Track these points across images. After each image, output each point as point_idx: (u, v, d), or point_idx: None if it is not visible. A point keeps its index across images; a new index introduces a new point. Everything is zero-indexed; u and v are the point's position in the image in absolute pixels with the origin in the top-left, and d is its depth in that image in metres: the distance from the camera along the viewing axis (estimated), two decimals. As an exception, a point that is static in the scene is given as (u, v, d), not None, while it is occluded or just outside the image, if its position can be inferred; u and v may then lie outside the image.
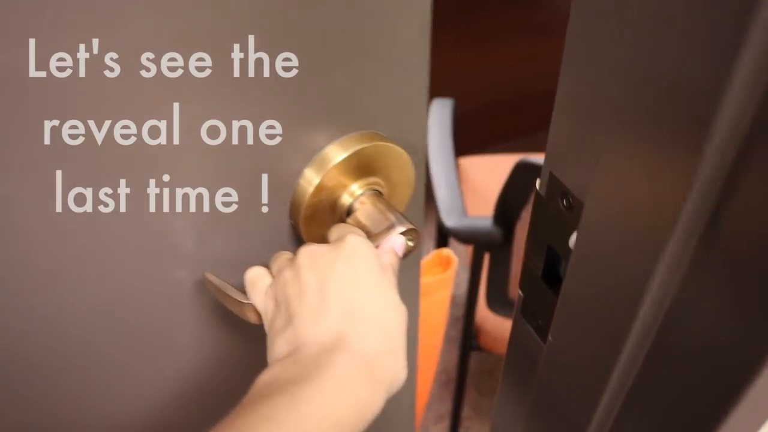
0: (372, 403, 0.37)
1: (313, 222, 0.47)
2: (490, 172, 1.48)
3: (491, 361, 1.67)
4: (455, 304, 1.79)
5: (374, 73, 0.45)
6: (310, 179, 0.45)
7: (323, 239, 0.46)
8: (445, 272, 0.81)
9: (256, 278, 0.43)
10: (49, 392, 0.48)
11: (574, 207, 0.35)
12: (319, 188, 0.45)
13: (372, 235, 0.44)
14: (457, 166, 1.23)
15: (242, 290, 0.44)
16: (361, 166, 0.46)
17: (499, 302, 1.18)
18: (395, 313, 0.40)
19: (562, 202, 0.36)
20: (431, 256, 0.83)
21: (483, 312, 1.22)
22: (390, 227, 0.44)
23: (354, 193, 0.47)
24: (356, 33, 0.42)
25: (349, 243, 0.40)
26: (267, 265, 0.45)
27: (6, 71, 0.35)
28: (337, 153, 0.45)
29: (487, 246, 1.11)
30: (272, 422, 0.33)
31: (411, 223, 0.45)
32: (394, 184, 0.49)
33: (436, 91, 2.18)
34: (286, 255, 0.44)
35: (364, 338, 0.38)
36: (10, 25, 0.34)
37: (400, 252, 0.44)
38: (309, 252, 0.41)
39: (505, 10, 1.90)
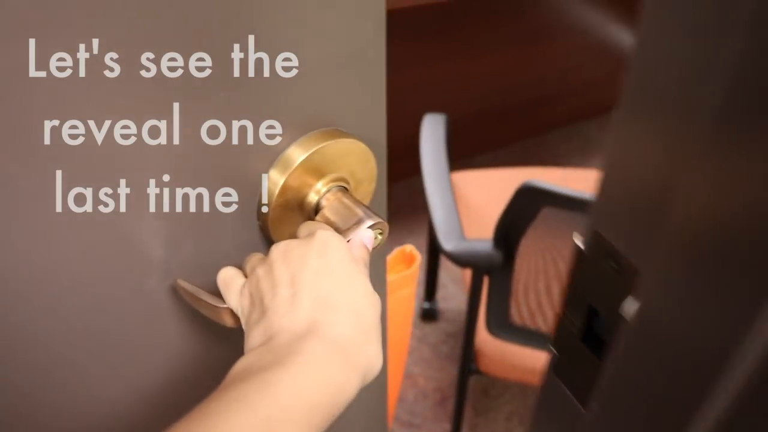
0: (345, 387, 0.37)
1: (281, 222, 0.47)
2: (483, 187, 1.48)
3: (486, 380, 1.66)
4: (447, 320, 1.78)
5: (333, 70, 0.45)
6: (276, 180, 0.45)
7: (293, 238, 0.46)
8: (409, 269, 0.81)
9: (229, 279, 0.44)
10: (26, 397, 0.47)
11: (625, 270, 0.32)
12: (285, 188, 0.45)
13: (341, 231, 0.44)
14: (451, 184, 1.22)
15: (215, 294, 0.44)
16: (325, 164, 0.46)
17: (499, 326, 1.15)
18: (369, 300, 0.40)
19: (610, 264, 0.34)
20: (394, 253, 0.83)
21: (482, 335, 1.19)
22: (358, 222, 0.45)
23: (320, 190, 0.47)
24: (315, 30, 0.42)
25: (320, 237, 0.41)
26: (239, 267, 0.45)
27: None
28: (299, 152, 0.45)
29: (487, 270, 1.09)
30: (241, 404, 0.33)
31: (379, 216, 0.45)
32: (359, 180, 0.50)
33: (424, 100, 2.20)
34: (258, 255, 0.44)
35: (337, 325, 0.38)
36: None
37: (370, 246, 0.45)
38: (281, 248, 0.41)
39: (491, 20, 1.92)
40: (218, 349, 0.53)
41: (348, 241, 0.43)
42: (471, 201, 1.42)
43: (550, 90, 2.26)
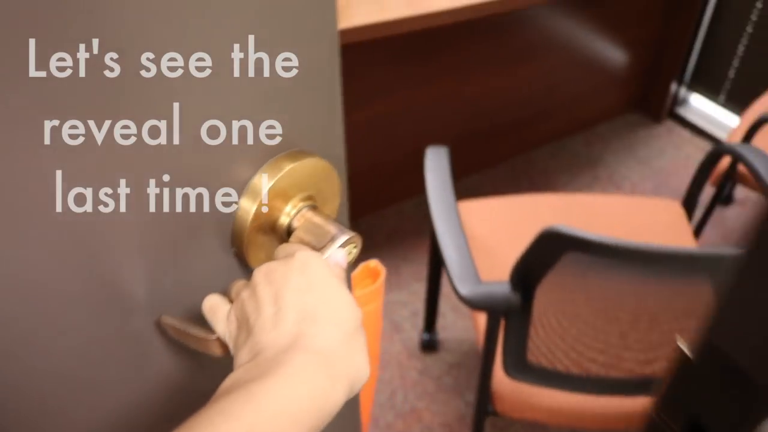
0: (331, 396, 0.37)
1: (256, 247, 0.48)
2: (488, 217, 1.46)
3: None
4: (448, 350, 1.76)
5: (291, 93, 0.45)
6: (247, 209, 0.45)
7: (270, 261, 0.46)
8: (374, 284, 0.82)
9: (215, 306, 0.44)
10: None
11: (753, 388, 0.29)
12: (257, 216, 0.46)
13: (317, 249, 0.45)
14: (460, 220, 1.19)
15: (201, 325, 0.45)
16: (292, 186, 0.47)
17: (516, 368, 1.12)
18: (351, 312, 0.41)
19: (732, 382, 0.30)
20: (359, 269, 0.83)
21: (498, 375, 1.16)
22: (332, 239, 0.45)
23: (290, 213, 0.48)
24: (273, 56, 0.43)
25: (299, 256, 0.42)
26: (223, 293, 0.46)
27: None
28: (266, 180, 0.46)
29: (504, 313, 1.06)
30: (226, 415, 0.34)
31: (351, 231, 0.46)
32: (325, 197, 0.50)
33: (412, 124, 2.21)
34: (242, 281, 0.46)
35: (320, 336, 0.39)
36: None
37: (344, 263, 0.46)
38: (263, 270, 0.43)
39: (476, 42, 1.95)
40: (207, 379, 0.52)
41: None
42: (476, 232, 1.41)
43: (536, 107, 2.29)
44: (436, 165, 1.31)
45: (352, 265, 0.55)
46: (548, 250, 0.94)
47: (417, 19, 1.42)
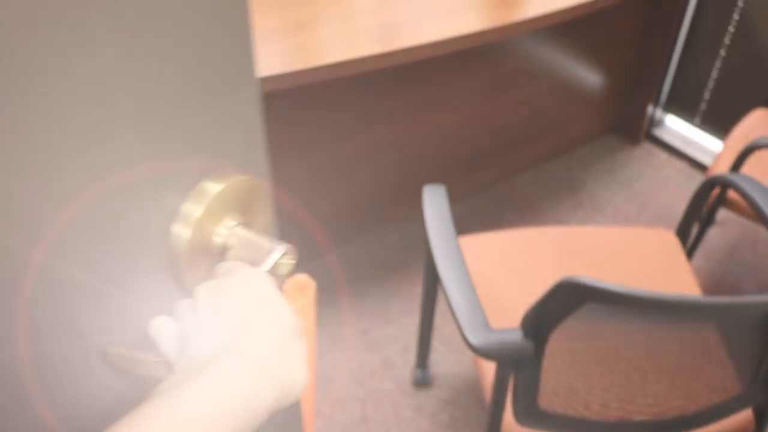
0: (258, 397, 0.37)
1: (193, 270, 0.48)
2: (486, 254, 1.43)
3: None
4: (441, 386, 1.72)
5: (214, 120, 0.46)
6: (181, 234, 0.46)
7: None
8: (304, 297, 0.81)
9: (160, 326, 0.45)
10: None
11: None
12: (191, 240, 0.46)
13: (254, 265, 0.46)
14: (465, 264, 1.15)
15: (148, 351, 0.45)
16: (222, 206, 0.48)
17: (527, 415, 1.07)
18: (288, 319, 0.42)
19: None
20: (287, 283, 0.82)
21: (507, 418, 1.11)
22: (268, 252, 0.46)
23: (223, 232, 0.48)
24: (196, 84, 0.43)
25: (240, 272, 0.44)
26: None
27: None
28: (196, 206, 0.46)
29: (516, 361, 1.02)
30: (146, 416, 0.34)
31: (285, 243, 0.47)
32: (254, 213, 0.51)
33: (394, 154, 2.21)
34: (186, 300, 0.46)
35: (252, 341, 0.39)
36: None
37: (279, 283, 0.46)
38: (204, 287, 0.43)
39: (459, 72, 1.97)
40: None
41: None
42: (475, 269, 1.36)
43: (517, 134, 2.31)
44: (435, 205, 1.26)
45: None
46: (566, 301, 0.91)
47: (395, 54, 1.43)
